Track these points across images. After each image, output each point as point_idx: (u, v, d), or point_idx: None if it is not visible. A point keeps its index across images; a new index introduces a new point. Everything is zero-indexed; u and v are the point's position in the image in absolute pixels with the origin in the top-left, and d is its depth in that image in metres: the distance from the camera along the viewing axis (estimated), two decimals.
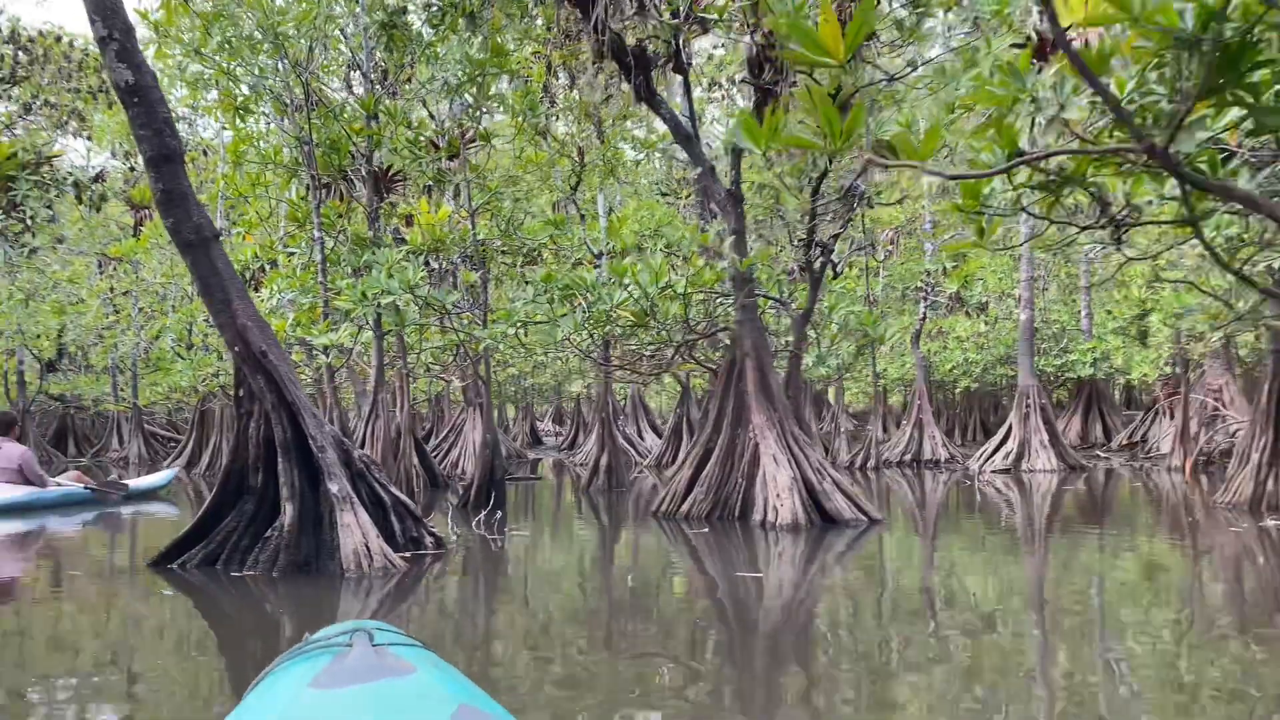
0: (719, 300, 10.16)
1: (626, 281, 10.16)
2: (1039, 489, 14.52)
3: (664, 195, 32.31)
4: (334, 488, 7.34)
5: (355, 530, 7.21)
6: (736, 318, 10.36)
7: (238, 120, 11.10)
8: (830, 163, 9.41)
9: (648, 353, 12.06)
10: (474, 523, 10.23)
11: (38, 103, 16.47)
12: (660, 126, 18.41)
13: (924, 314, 22.32)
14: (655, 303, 9.54)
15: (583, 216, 15.47)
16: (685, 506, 10.55)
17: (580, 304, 10.43)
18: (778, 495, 9.71)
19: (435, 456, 18.75)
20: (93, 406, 32.47)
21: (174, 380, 20.51)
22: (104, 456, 29.92)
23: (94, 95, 17.03)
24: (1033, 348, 19.46)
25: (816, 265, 10.65)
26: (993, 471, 18.57)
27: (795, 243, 10.39)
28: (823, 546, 8.79)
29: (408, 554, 7.91)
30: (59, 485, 13.89)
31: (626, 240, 21.58)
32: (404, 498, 8.26)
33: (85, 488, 14.03)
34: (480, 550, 8.75)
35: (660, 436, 26.58)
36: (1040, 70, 2.89)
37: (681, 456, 16.86)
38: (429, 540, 8.28)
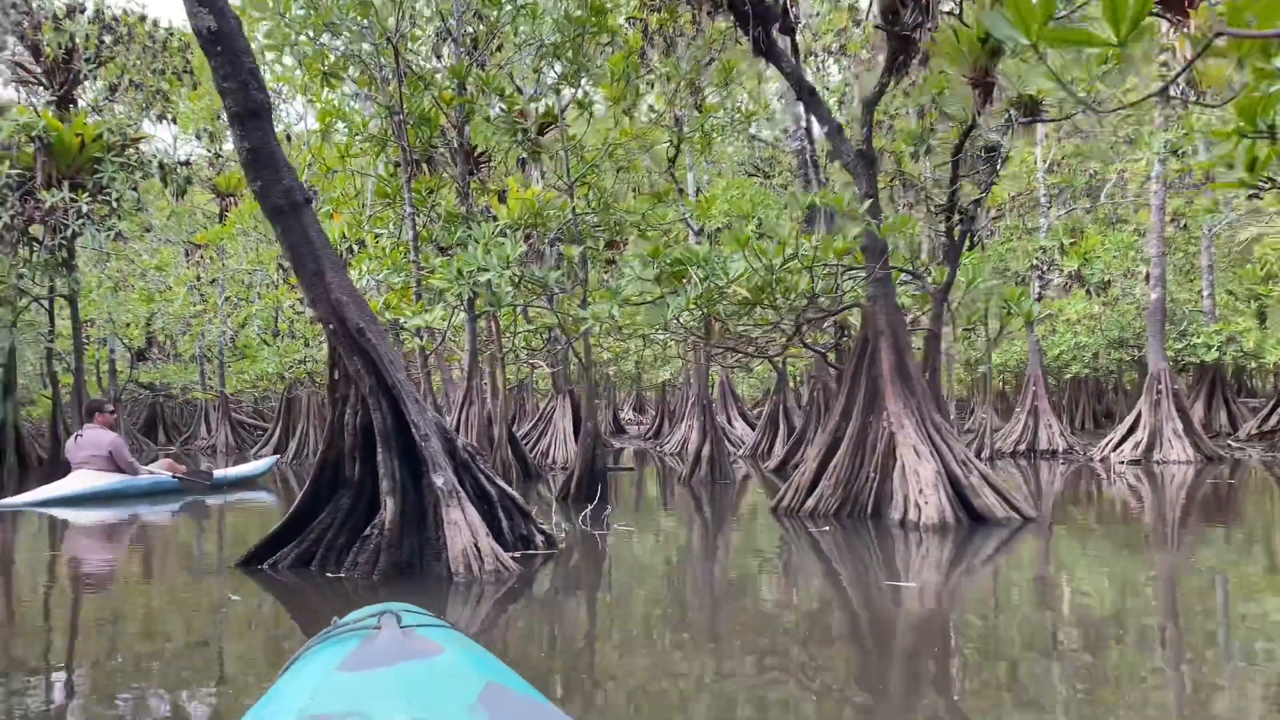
0: (847, 274, 9.16)
1: (739, 256, 9.24)
2: (1185, 483, 13.20)
3: (751, 175, 31.23)
4: (439, 481, 6.56)
5: (463, 528, 6.42)
6: (869, 293, 9.35)
7: (325, 89, 10.43)
8: (979, 114, 8.33)
9: (756, 334, 11.10)
10: (580, 517, 9.42)
11: (123, 84, 16.11)
12: (767, 90, 17.38)
13: (1039, 294, 20.93)
14: (780, 277, 8.59)
15: (681, 191, 14.54)
16: (810, 502, 9.59)
17: (691, 280, 9.52)
18: (920, 491, 8.69)
19: (525, 446, 18.07)
20: (181, 395, 32.69)
21: (261, 368, 20.19)
22: (192, 444, 30.04)
23: (179, 76, 16.64)
24: (1163, 329, 17.98)
25: (956, 235, 9.59)
26: (1121, 463, 17.21)
27: (932, 209, 9.34)
28: (976, 550, 7.77)
29: (517, 554, 7.12)
30: (151, 473, 13.62)
31: (716, 220, 20.56)
32: (511, 491, 7.47)
33: (173, 476, 13.72)
34: (593, 550, 7.93)
35: (750, 425, 25.58)
36: None
37: (806, 448, 15.91)
38: (539, 539, 7.48)
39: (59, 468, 17.19)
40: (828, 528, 8.89)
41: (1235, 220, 23.71)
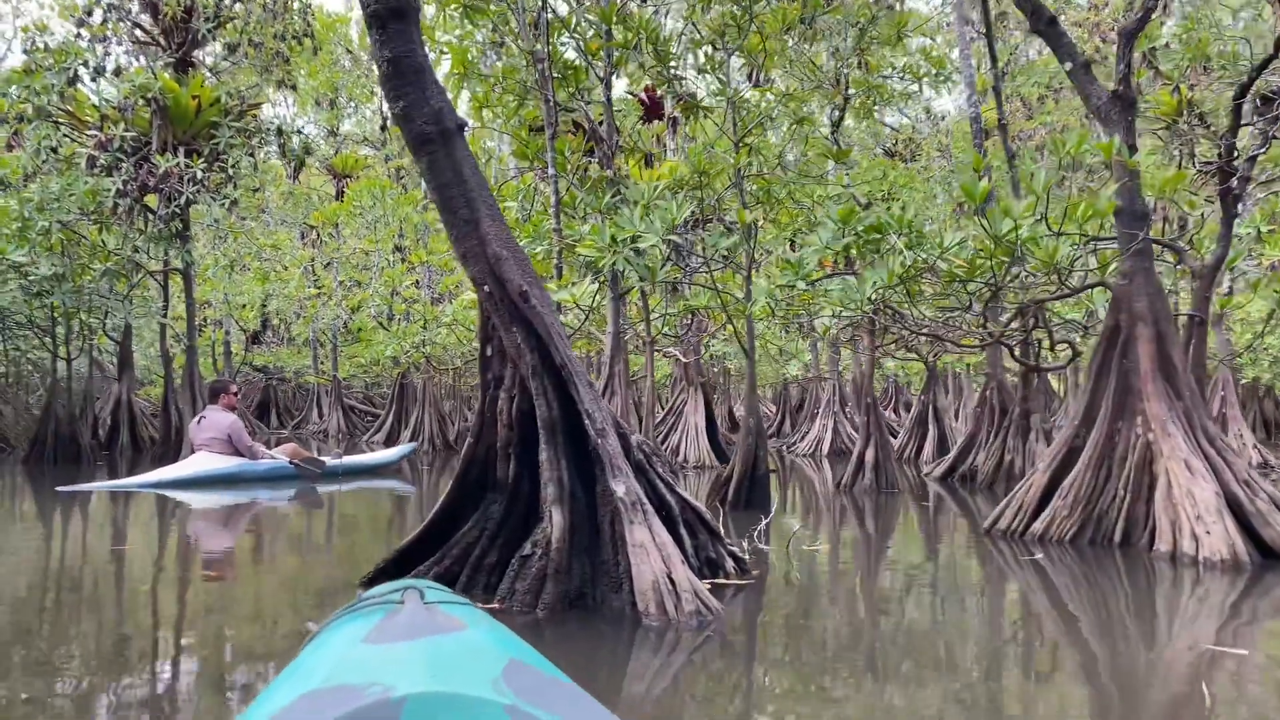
0: (1096, 245, 7.41)
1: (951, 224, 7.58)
2: None
3: (889, 155, 29.10)
4: (620, 489, 5.08)
5: (652, 553, 4.92)
6: (1123, 268, 7.54)
7: (464, 22, 9.08)
8: None
9: (944, 320, 9.37)
10: (754, 532, 7.85)
11: (242, 45, 15.18)
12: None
13: (1230, 288, 18.54)
14: (1024, 246, 6.87)
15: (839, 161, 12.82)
16: (1038, 525, 7.83)
17: (894, 250, 7.87)
18: (1197, 517, 6.86)
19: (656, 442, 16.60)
20: (294, 379, 32.32)
21: (377, 352, 19.22)
22: (304, 429, 29.56)
23: (299, 40, 15.65)
24: None
25: (1231, 199, 7.71)
26: None
27: (1201, 167, 7.48)
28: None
29: (706, 583, 5.61)
30: (272, 458, 12.83)
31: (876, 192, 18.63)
32: (696, 503, 5.95)
33: (291, 463, 12.85)
34: (790, 578, 6.36)
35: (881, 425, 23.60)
36: None
37: (977, 454, 14.05)
38: (729, 564, 5.94)
39: (170, 448, 16.45)
40: (1074, 558, 7.14)
41: None
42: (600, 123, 10.51)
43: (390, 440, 22.16)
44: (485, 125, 10.54)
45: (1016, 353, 12.75)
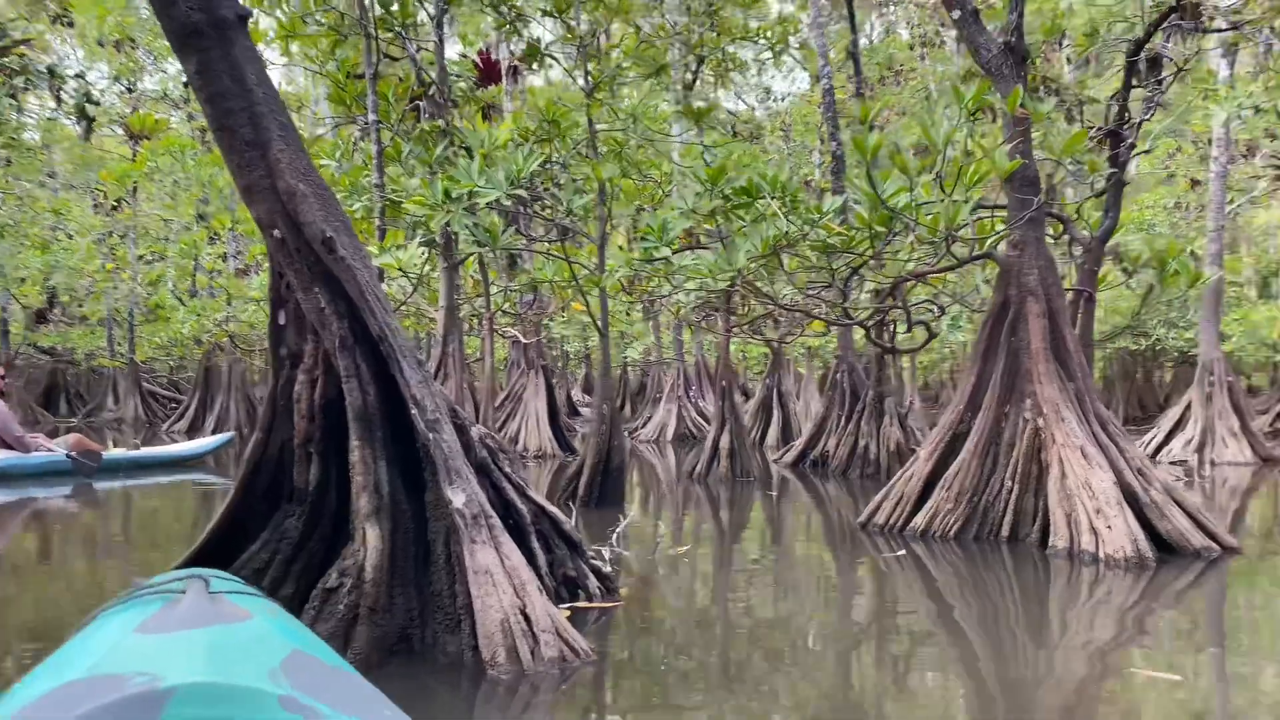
0: (982, 214, 6.72)
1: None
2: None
3: (734, 135, 28.65)
4: (458, 499, 3.90)
5: (501, 582, 3.77)
6: (1014, 238, 6.88)
7: None
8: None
9: (828, 295, 8.60)
10: (612, 536, 6.79)
11: None
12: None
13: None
14: (908, 212, 6.07)
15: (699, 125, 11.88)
16: (920, 519, 7.11)
17: (771, 215, 6.96)
18: (1097, 511, 6.25)
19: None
20: (85, 362, 29.12)
21: (174, 330, 17.09)
22: (98, 417, 26.62)
23: None
24: (1219, 314, 15.93)
25: (1117, 168, 7.17)
26: (1170, 463, 15.13)
27: (1093, 132, 6.90)
28: (1202, 601, 5.40)
29: (566, 608, 4.51)
30: (49, 449, 10.95)
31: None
32: (552, 509, 4.83)
33: (66, 455, 10.98)
34: (664, 594, 5.35)
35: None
36: None
37: (828, 439, 13.42)
38: (593, 582, 4.86)
39: None
40: (960, 554, 6.45)
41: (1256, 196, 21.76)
42: (431, 65, 9.18)
43: (194, 429, 19.96)
44: (293, 63, 9.02)
45: (873, 334, 12.23)
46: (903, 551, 6.68)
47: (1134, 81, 7.00)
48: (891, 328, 12.98)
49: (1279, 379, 26.77)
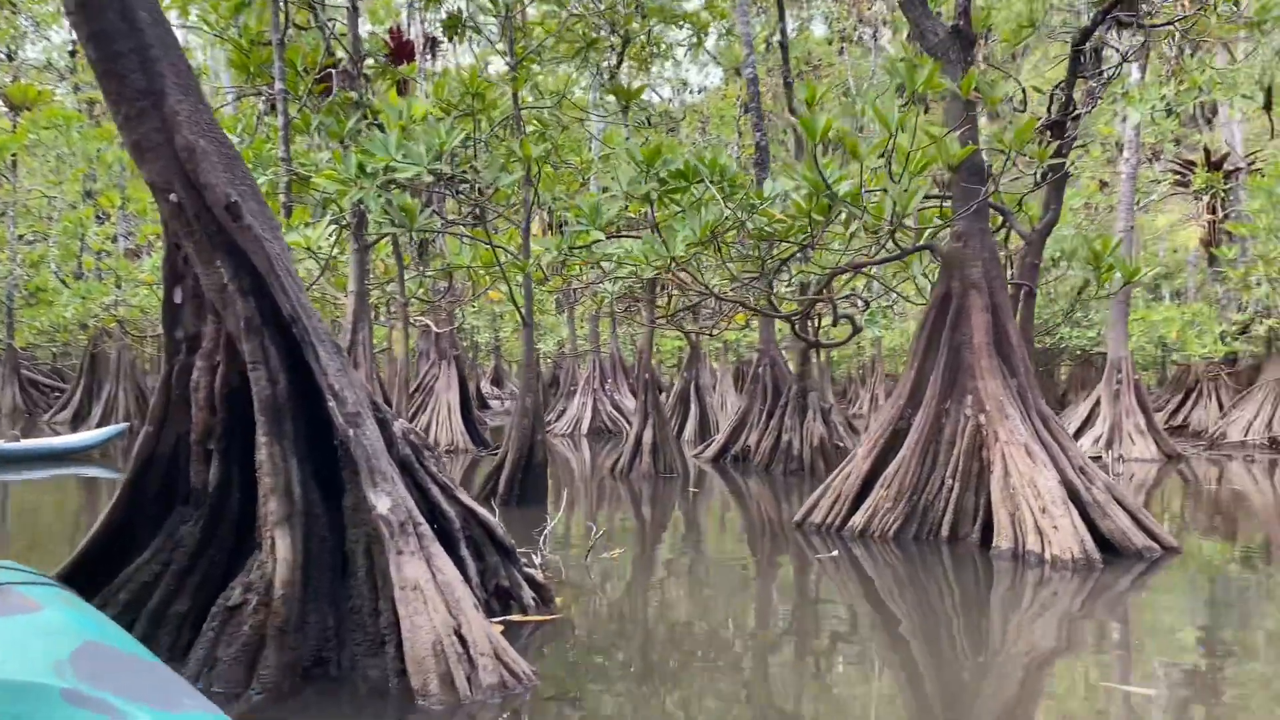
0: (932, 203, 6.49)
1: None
2: (1193, 483, 11.17)
3: (649, 124, 28.28)
4: (383, 504, 3.43)
5: (433, 599, 3.32)
6: (958, 229, 6.66)
7: None
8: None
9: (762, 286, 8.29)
10: (540, 538, 6.35)
11: None
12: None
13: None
14: (854, 198, 5.77)
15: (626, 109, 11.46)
16: (859, 517, 6.85)
17: (710, 200, 6.62)
18: (1043, 510, 6.07)
19: None
20: None
21: (57, 314, 15.95)
22: None
23: None
24: (1127, 313, 16.24)
25: (1059, 163, 6.99)
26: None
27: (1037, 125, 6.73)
28: (1156, 605, 5.26)
29: (499, 622, 4.08)
30: None
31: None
32: (484, 513, 4.38)
33: None
34: (601, 606, 4.95)
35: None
36: None
37: (750, 433, 13.14)
38: (528, 594, 4.43)
39: None
40: (899, 555, 6.21)
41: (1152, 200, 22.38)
42: (344, 36, 8.57)
43: (79, 419, 18.74)
44: (190, 26, 8.31)
45: (798, 328, 12.03)
46: (835, 552, 6.42)
47: (1078, 73, 6.86)
48: (816, 322, 12.83)
49: (1169, 378, 27.69)
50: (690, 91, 30.17)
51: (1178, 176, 21.62)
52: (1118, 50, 7.37)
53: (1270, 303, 18.52)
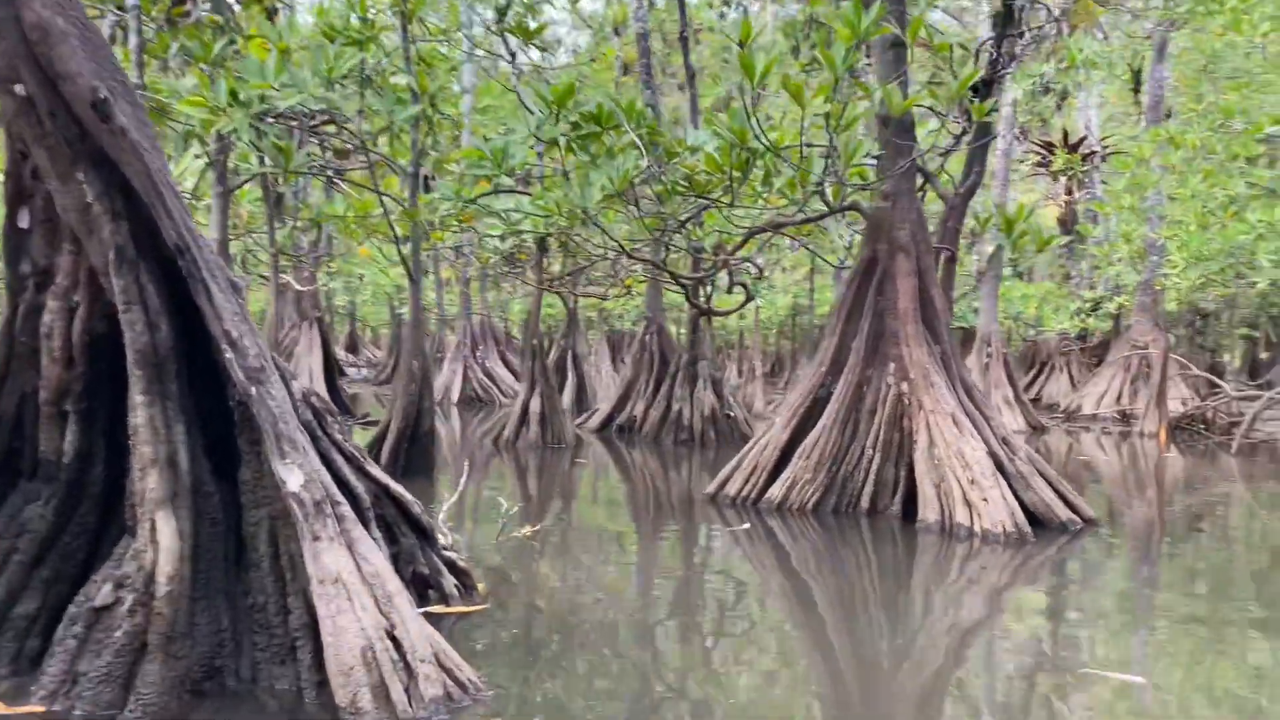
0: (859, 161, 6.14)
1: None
2: (1061, 454, 11.41)
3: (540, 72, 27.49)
4: (293, 479, 2.80)
5: (359, 595, 2.72)
6: (886, 189, 6.35)
7: None
8: None
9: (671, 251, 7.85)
10: (440, 517, 5.74)
11: None
12: None
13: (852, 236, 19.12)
14: (775, 151, 5.37)
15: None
16: (776, 489, 6.51)
17: (634, 147, 6.10)
18: (971, 482, 5.86)
19: None
20: None
21: None
22: None
23: None
24: (998, 288, 16.61)
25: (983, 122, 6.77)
26: None
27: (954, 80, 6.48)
28: (1094, 580, 5.11)
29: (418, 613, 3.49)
30: None
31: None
32: (398, 489, 3.78)
33: None
34: (525, 591, 4.42)
35: (514, 372, 22.07)
36: None
37: (636, 404, 12.68)
38: (449, 581, 3.85)
39: None
40: (818, 530, 5.91)
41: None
42: None
43: None
44: None
45: (691, 294, 11.67)
46: (747, 525, 6.07)
47: (1010, 25, 6.67)
48: (709, 289, 12.49)
49: (1020, 354, 28.85)
50: (563, 52, 29.39)
51: (1039, 157, 22.35)
52: (1048, 7, 7.20)
53: (1120, 281, 19.25)
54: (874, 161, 6.42)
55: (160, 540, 2.71)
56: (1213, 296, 16.79)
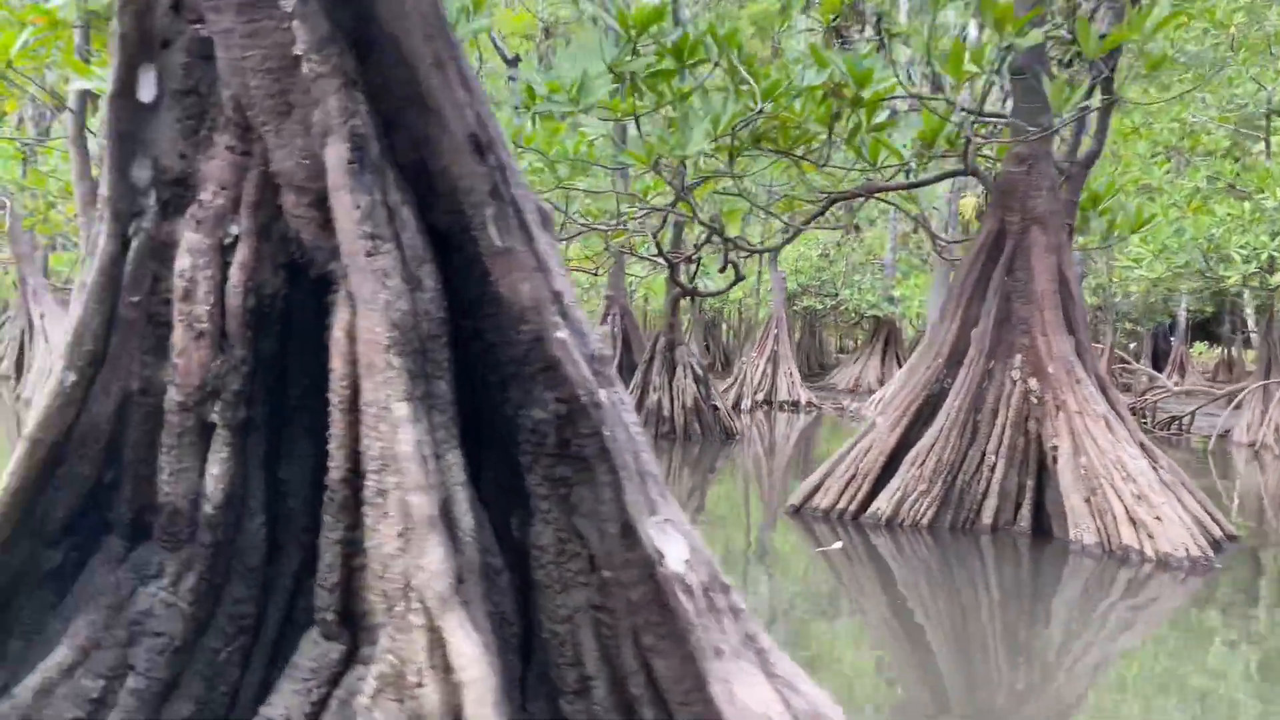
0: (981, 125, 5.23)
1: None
2: None
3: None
4: (675, 555, 1.62)
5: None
6: (1019, 150, 5.44)
7: None
8: None
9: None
10: None
11: None
12: None
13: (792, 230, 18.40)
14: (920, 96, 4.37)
15: None
16: (882, 502, 5.53)
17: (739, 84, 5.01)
18: (1138, 497, 5.01)
19: None
20: None
21: None
22: None
23: None
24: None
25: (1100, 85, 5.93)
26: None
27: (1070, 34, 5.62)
28: None
29: None
30: None
31: None
32: None
33: None
34: None
35: None
36: None
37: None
38: None
39: None
40: (936, 550, 4.98)
41: None
42: None
43: None
44: None
45: (673, 274, 10.61)
46: (839, 544, 5.12)
47: None
48: (695, 266, 11.40)
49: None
50: None
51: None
52: None
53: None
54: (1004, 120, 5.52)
55: (456, 658, 1.49)
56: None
